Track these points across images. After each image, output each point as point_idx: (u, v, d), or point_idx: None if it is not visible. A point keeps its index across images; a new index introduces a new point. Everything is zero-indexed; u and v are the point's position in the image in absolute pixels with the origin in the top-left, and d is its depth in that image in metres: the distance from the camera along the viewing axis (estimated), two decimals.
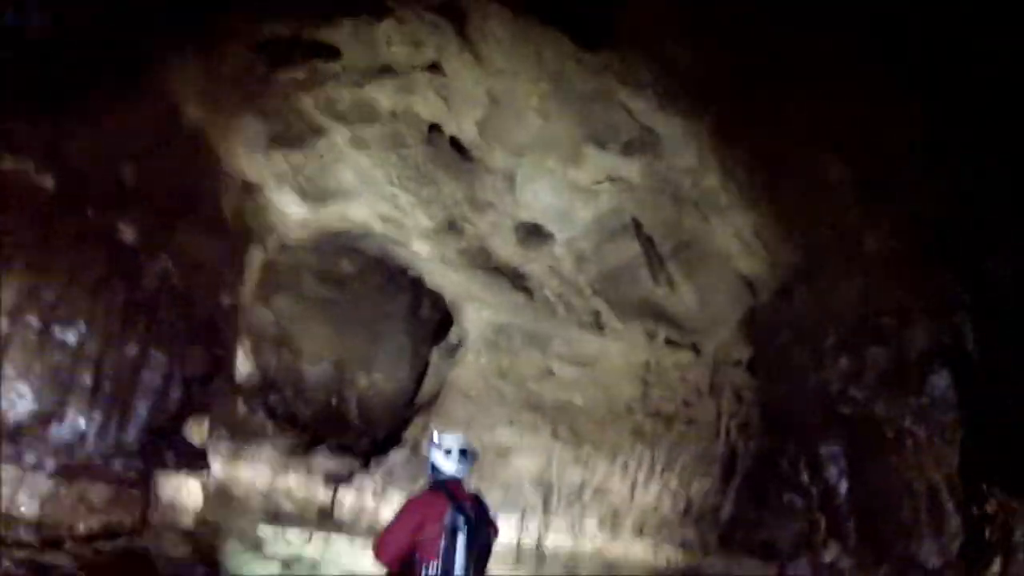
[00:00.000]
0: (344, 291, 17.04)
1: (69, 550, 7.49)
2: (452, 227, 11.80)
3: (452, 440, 4.59)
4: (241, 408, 13.66)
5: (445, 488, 4.36)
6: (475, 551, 4.20)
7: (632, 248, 11.73)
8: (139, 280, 8.71)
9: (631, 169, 10.68)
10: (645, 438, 13.10)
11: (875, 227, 9.22)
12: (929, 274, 8.99)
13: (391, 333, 17.61)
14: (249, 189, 9.60)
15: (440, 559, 4.09)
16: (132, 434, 8.76)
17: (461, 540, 4.12)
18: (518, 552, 12.20)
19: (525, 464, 12.98)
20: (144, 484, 8.76)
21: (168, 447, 9.59)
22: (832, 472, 9.69)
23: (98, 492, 8.15)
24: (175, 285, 8.91)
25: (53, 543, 7.39)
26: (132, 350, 8.71)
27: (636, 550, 12.66)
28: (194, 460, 10.23)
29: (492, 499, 11.52)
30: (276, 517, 10.17)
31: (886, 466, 9.14)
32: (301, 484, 13.65)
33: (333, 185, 10.48)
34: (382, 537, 4.34)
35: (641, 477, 12.94)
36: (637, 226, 11.56)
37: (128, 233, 8.51)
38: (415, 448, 13.74)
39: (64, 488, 7.94)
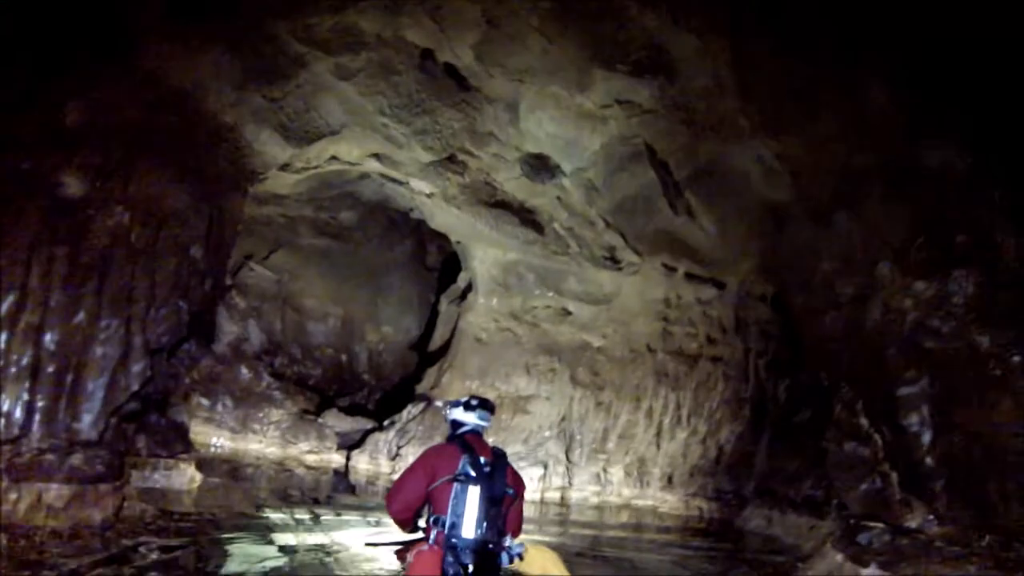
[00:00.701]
0: (345, 242, 16.32)
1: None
2: (452, 161, 10.90)
3: (469, 395, 4.38)
4: (245, 373, 12.93)
5: (462, 440, 4.14)
6: (491, 505, 3.99)
7: (646, 176, 10.81)
8: (86, 239, 7.27)
9: (642, 92, 9.72)
10: (668, 380, 12.34)
11: (934, 146, 7.99)
12: (1005, 189, 7.53)
13: (397, 283, 16.91)
14: (222, 130, 8.57)
15: (450, 511, 3.92)
16: (87, 420, 7.12)
17: (474, 492, 3.94)
18: (542, 506, 11.52)
19: (544, 412, 12.25)
20: (114, 477, 7.25)
21: (139, 431, 8.46)
22: (912, 419, 7.57)
23: (57, 493, 6.87)
24: (132, 242, 7.60)
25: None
26: (79, 320, 7.17)
27: (665, 500, 11.95)
28: (174, 442, 9.17)
29: (513, 452, 10.89)
30: (285, 497, 9.48)
31: (988, 411, 7.04)
32: (313, 449, 12.97)
33: (318, 122, 9.52)
34: (393, 488, 4.11)
35: (667, 422, 12.18)
36: (651, 153, 10.63)
37: (72, 185, 7.12)
38: (428, 402, 13.04)
39: (14, 492, 6.43)
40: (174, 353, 8.44)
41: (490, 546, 3.93)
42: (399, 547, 4.08)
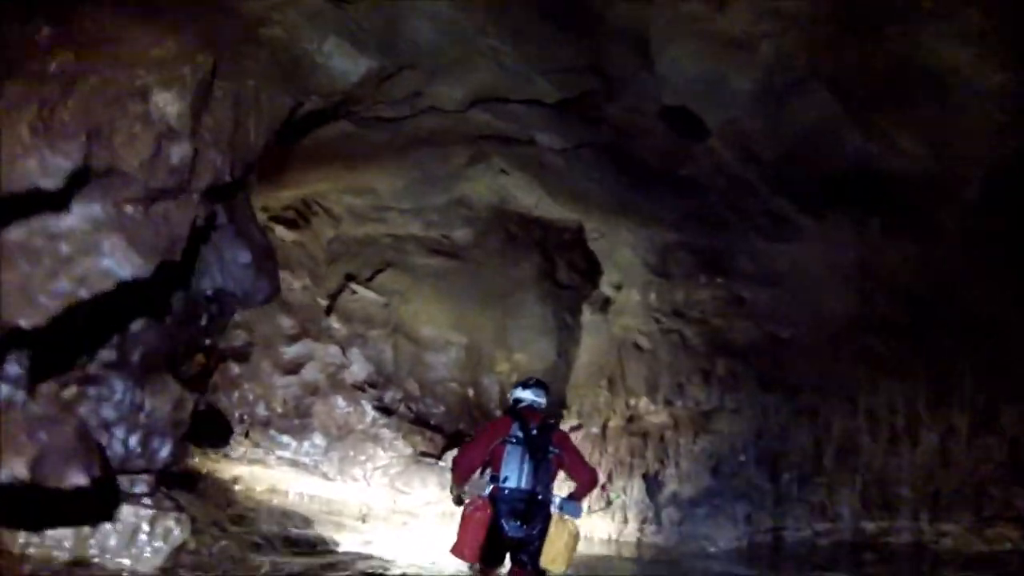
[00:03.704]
0: (462, 261, 13.92)
1: None
2: (585, 105, 8.35)
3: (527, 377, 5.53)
4: (343, 407, 10.53)
5: (515, 412, 5.01)
6: (537, 465, 4.80)
7: (816, 106, 8.01)
8: None
9: None
10: (883, 365, 9.14)
11: None
12: None
13: (526, 304, 14.27)
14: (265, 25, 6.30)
15: (503, 467, 4.77)
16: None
17: (516, 451, 4.78)
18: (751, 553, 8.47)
19: (734, 429, 9.26)
20: None
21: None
22: None
23: None
24: None
25: None
26: None
27: (936, 530, 8.62)
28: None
29: (703, 489, 8.17)
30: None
31: None
32: (433, 500, 10.32)
33: (402, 45, 7.14)
34: (459, 453, 5.11)
35: (900, 423, 8.99)
36: (819, 76, 7.82)
37: None
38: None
39: None
40: None
41: (539, 496, 4.79)
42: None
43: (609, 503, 9.42)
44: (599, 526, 9.16)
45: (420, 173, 11.21)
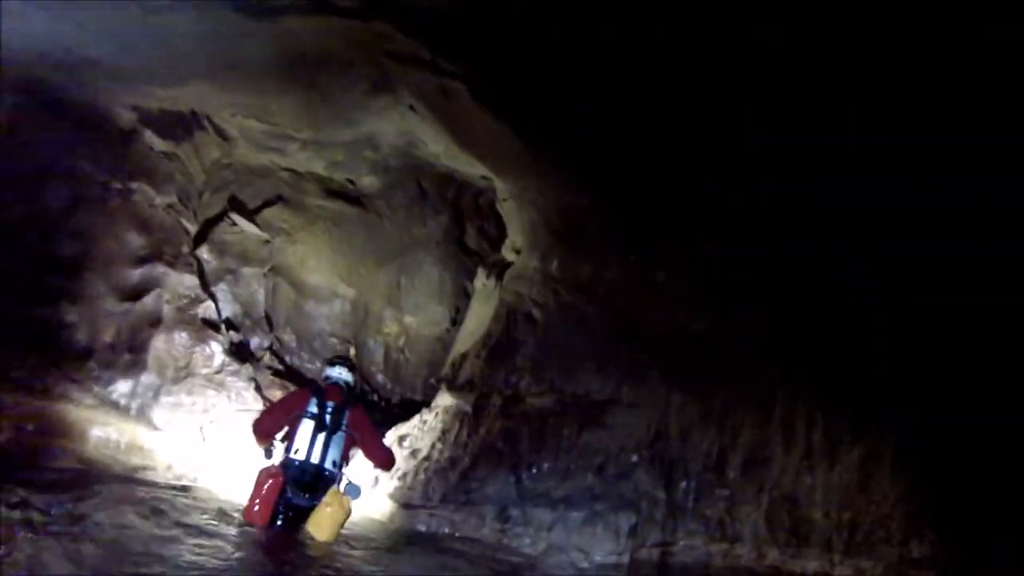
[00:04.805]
0: (364, 210, 12.51)
1: None
2: None
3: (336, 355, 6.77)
4: (185, 344, 8.99)
5: (317, 387, 5.62)
6: (328, 441, 5.26)
7: None
8: None
9: None
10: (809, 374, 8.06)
11: None
12: None
13: (426, 264, 12.88)
14: None
15: (295, 440, 5.24)
16: None
17: (310, 425, 5.26)
18: None
19: (628, 426, 8.03)
20: None
21: None
22: None
23: None
24: None
25: None
26: None
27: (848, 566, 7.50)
28: None
29: (583, 488, 7.21)
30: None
31: None
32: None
33: None
34: (260, 416, 5.64)
35: (817, 438, 7.94)
36: None
37: None
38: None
39: None
40: None
41: (325, 471, 5.19)
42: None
43: None
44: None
45: (317, 95, 9.79)
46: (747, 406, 8.12)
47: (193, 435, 8.64)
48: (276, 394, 9.95)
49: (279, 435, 5.47)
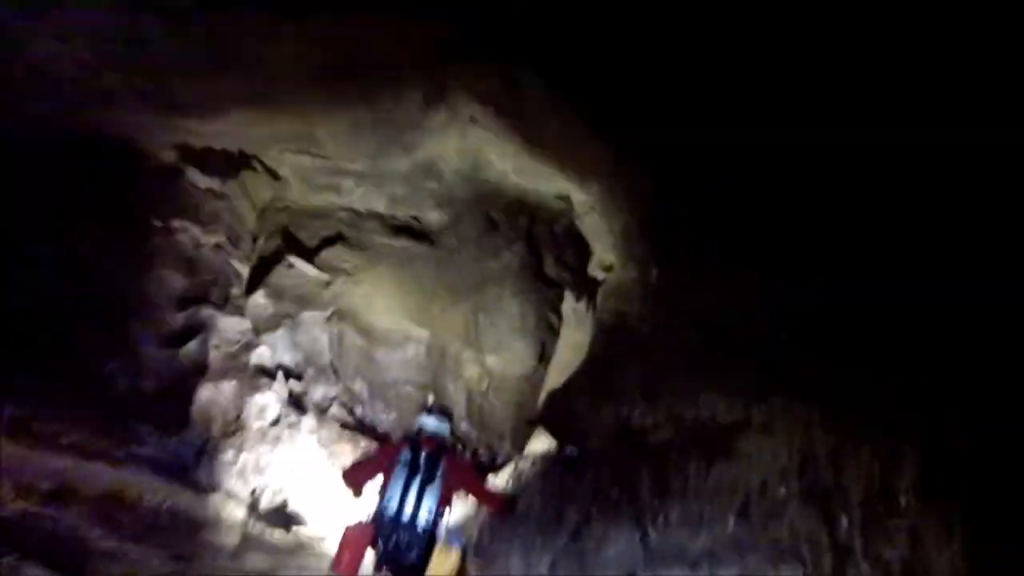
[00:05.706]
0: (430, 246, 11.41)
1: None
2: None
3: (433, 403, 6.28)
4: (236, 394, 7.83)
5: (413, 439, 5.27)
6: (422, 492, 5.04)
7: None
8: None
9: None
10: None
11: None
12: None
13: (505, 299, 11.61)
14: None
15: (386, 491, 5.06)
16: None
17: (402, 476, 5.03)
18: None
19: (767, 453, 6.52)
20: None
21: None
22: None
23: None
24: None
25: None
26: None
27: None
28: None
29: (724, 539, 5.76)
30: None
31: None
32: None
33: None
34: (353, 464, 5.56)
35: None
36: None
37: None
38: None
39: None
40: None
41: (418, 523, 4.94)
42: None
43: None
44: None
45: (367, 114, 8.78)
46: None
47: (244, 498, 7.40)
48: (344, 449, 8.73)
49: (370, 485, 5.32)
